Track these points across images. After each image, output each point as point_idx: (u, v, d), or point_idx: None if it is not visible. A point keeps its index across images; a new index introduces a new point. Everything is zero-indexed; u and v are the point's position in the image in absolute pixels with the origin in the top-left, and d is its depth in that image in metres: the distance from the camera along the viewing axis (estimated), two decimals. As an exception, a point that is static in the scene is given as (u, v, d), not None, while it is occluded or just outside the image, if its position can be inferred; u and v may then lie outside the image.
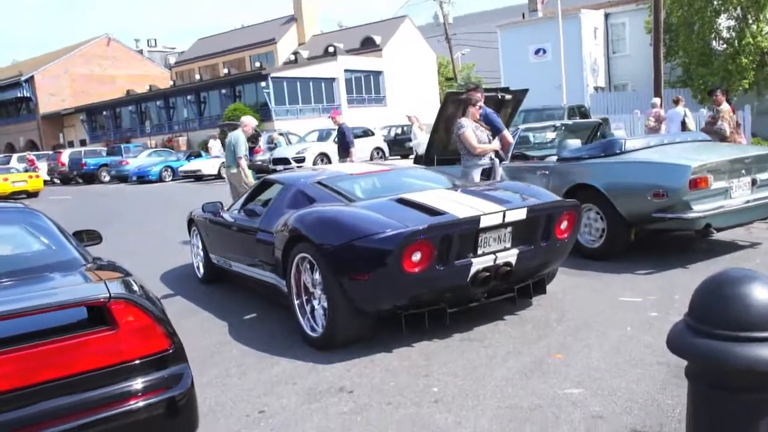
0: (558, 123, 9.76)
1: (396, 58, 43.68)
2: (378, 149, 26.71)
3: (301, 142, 26.31)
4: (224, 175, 20.35)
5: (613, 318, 4.71)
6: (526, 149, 8.83)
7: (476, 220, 4.21)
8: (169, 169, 28.10)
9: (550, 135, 9.56)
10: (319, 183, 5.41)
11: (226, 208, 6.65)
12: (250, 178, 9.24)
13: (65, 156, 32.06)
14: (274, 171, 18.73)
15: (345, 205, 4.82)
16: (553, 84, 28.51)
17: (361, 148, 24.52)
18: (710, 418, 1.80)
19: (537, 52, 34.80)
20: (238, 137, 9.38)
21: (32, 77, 47.46)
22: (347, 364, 4.20)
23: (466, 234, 4.22)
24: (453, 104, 8.41)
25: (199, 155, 29.54)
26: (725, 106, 10.16)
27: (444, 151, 8.78)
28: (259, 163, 24.23)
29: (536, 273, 4.91)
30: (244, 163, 9.29)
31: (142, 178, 27.78)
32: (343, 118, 12.45)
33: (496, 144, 7.06)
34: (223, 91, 38.72)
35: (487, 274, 4.37)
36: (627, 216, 6.21)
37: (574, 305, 5.10)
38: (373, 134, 27.12)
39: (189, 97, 40.44)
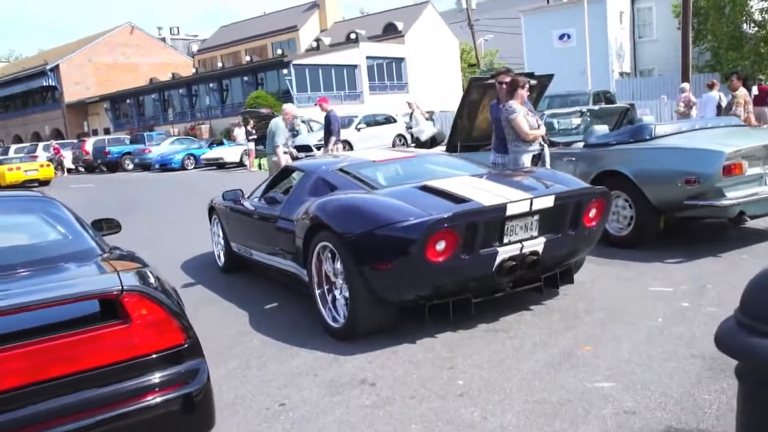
0: (584, 108, 9.54)
1: (418, 45, 43.34)
2: (400, 136, 26.46)
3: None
4: (247, 163, 20.09)
5: (643, 308, 4.56)
6: (551, 135, 8.60)
7: (502, 207, 4.08)
8: (192, 157, 28.13)
9: (576, 121, 9.33)
10: (341, 170, 5.30)
11: (246, 196, 6.58)
12: None
13: (89, 144, 32.31)
14: (296, 158, 18.65)
15: (367, 193, 4.70)
16: (577, 69, 28.12)
17: (384, 135, 24.42)
18: (762, 417, 1.67)
19: (561, 37, 34.34)
20: (278, 125, 9.49)
21: (57, 66, 47.85)
22: (369, 356, 4.10)
23: (491, 222, 4.10)
24: (477, 90, 8.25)
25: (221, 143, 29.53)
26: (741, 91, 9.90)
27: (468, 138, 8.62)
28: (281, 150, 24.00)
29: (563, 262, 4.76)
30: (280, 151, 9.36)
31: (165, 166, 27.86)
32: (330, 105, 12.23)
33: (543, 129, 6.77)
34: (246, 78, 38.71)
35: (513, 263, 4.25)
36: (656, 203, 6.03)
37: (602, 295, 4.95)
38: (395, 121, 26.86)
39: (211, 85, 40.49)
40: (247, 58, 45.81)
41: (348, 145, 23.38)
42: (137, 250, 3.47)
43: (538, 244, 4.33)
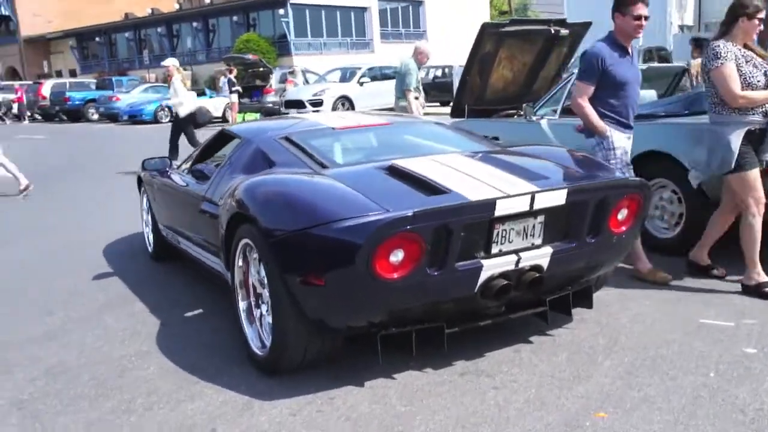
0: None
1: (441, -14, 42.37)
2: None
3: (321, 82, 25.40)
4: (230, 119, 19.43)
5: (689, 353, 3.74)
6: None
7: (490, 204, 3.27)
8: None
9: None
10: (287, 139, 4.49)
11: (177, 165, 5.85)
12: (417, 113, 9.16)
13: (46, 88, 31.58)
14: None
15: (312, 174, 3.91)
16: (628, 21, 27.09)
17: (391, 91, 23.55)
18: None
19: (611, -20, 33.23)
20: (409, 65, 9.36)
21: (12, -8, 47.03)
22: (296, 403, 3.36)
23: (474, 224, 3.30)
24: (491, 39, 7.42)
25: (203, 93, 28.87)
26: (697, 61, 9.48)
27: (479, 101, 7.83)
28: (270, 105, 23.55)
29: (579, 279, 3.98)
30: (411, 95, 9.24)
31: (135, 118, 27.29)
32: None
33: None
34: (235, 18, 38.23)
35: (506, 282, 3.45)
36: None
37: (632, 327, 4.15)
38: (406, 75, 26.01)
39: (196, 24, 39.97)
40: (240, -6, 45.06)
41: (348, 103, 22.68)
42: (59, 221, 2.73)
43: (541, 257, 3.54)
